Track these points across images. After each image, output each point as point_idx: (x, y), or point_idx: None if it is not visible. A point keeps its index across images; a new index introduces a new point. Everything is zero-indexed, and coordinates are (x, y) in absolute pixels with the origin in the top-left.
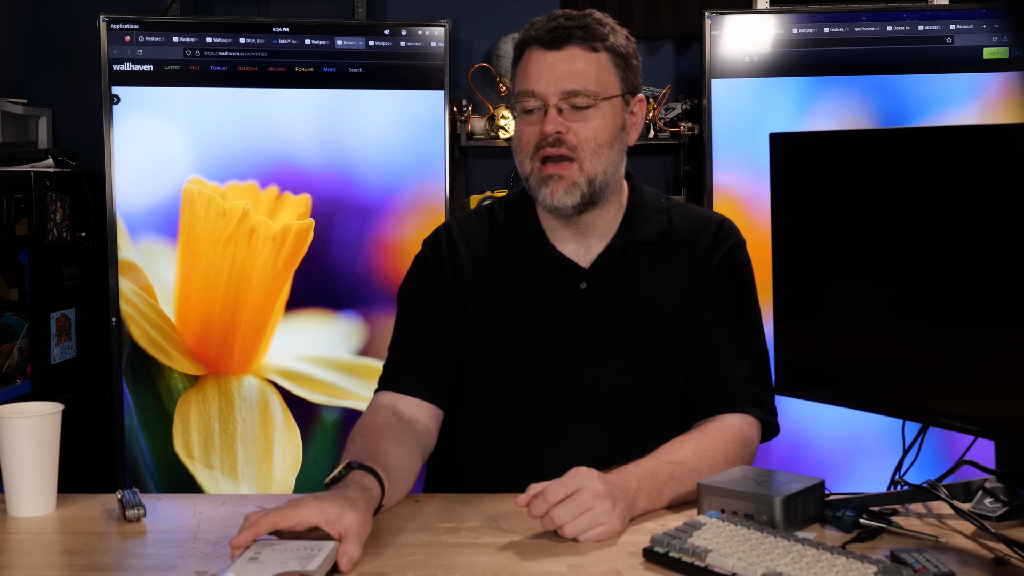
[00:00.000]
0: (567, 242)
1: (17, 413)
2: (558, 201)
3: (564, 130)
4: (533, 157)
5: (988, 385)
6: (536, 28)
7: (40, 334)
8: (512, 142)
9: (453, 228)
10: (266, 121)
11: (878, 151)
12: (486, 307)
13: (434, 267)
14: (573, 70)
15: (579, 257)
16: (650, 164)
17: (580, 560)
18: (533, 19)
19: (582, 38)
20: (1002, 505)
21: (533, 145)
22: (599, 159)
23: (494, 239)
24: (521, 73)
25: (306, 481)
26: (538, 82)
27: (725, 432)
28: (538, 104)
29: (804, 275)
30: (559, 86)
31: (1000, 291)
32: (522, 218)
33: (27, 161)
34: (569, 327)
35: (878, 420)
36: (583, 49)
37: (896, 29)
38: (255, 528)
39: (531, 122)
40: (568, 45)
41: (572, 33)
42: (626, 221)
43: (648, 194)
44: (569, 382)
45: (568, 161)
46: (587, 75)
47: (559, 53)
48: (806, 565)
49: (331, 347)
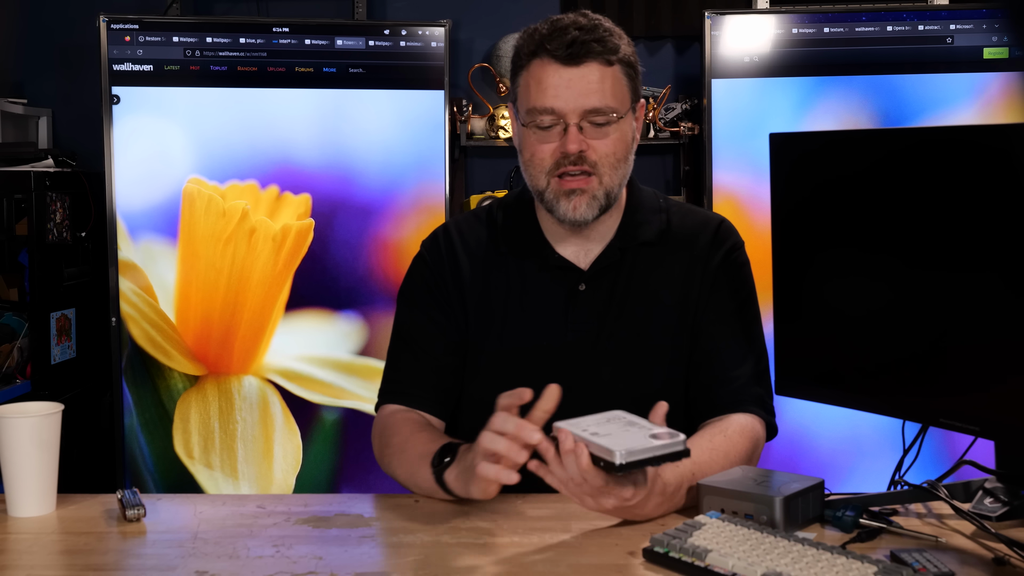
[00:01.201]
0: (566, 244)
1: (17, 413)
2: (580, 215)
3: (586, 148)
4: (551, 173)
5: (988, 385)
6: (549, 40)
7: (40, 334)
8: (522, 154)
9: (451, 230)
10: (266, 121)
11: (878, 151)
12: (485, 309)
13: (433, 270)
14: (592, 88)
15: (578, 259)
16: (650, 164)
17: (580, 560)
18: (535, 26)
19: (599, 52)
20: (1002, 505)
21: (551, 163)
22: (617, 172)
23: (492, 241)
24: (535, 87)
25: (306, 481)
26: (556, 99)
27: (744, 434)
28: (556, 121)
29: (804, 275)
30: (579, 104)
31: (1000, 291)
32: (521, 220)
33: (27, 161)
34: (568, 329)
35: (878, 420)
36: (600, 64)
37: (896, 29)
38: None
39: (548, 139)
40: (586, 60)
41: (590, 48)
42: (625, 222)
43: (646, 194)
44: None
45: (587, 175)
46: (605, 92)
47: (577, 69)
48: (806, 565)
49: (331, 347)
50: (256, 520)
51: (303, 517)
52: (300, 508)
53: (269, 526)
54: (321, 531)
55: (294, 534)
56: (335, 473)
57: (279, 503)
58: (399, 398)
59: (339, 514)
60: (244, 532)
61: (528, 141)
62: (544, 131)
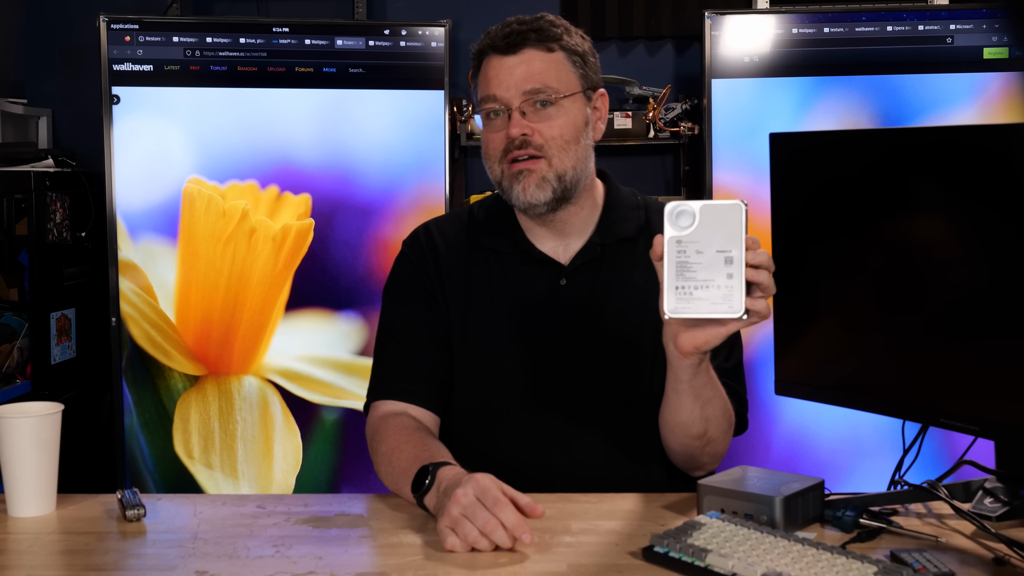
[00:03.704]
0: (546, 240)
1: (17, 413)
2: (531, 196)
3: (529, 132)
4: (502, 161)
5: (988, 385)
6: (491, 36)
7: (40, 334)
8: (481, 150)
9: (432, 228)
10: (266, 121)
11: (878, 151)
12: (467, 306)
13: (416, 267)
14: (531, 71)
15: (558, 254)
16: (650, 164)
17: (580, 560)
18: (487, 28)
19: (536, 40)
20: (1002, 505)
21: (501, 150)
22: (567, 155)
23: (473, 238)
24: (482, 80)
25: (306, 481)
26: (498, 87)
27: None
28: (501, 108)
29: (804, 275)
30: (519, 88)
31: (1000, 291)
32: (501, 217)
33: (27, 161)
34: (550, 324)
35: (878, 420)
36: (539, 50)
37: (896, 29)
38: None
39: (496, 127)
40: (524, 48)
41: (526, 37)
42: (604, 218)
43: (624, 192)
44: (553, 378)
45: (535, 159)
46: (545, 74)
47: (516, 57)
48: (806, 565)
49: (331, 347)
50: (256, 520)
51: (303, 517)
52: (300, 508)
53: (269, 526)
54: (321, 531)
55: (294, 534)
56: (335, 473)
57: (279, 503)
58: (389, 394)
59: (339, 514)
60: (244, 532)
61: (483, 134)
62: (492, 121)
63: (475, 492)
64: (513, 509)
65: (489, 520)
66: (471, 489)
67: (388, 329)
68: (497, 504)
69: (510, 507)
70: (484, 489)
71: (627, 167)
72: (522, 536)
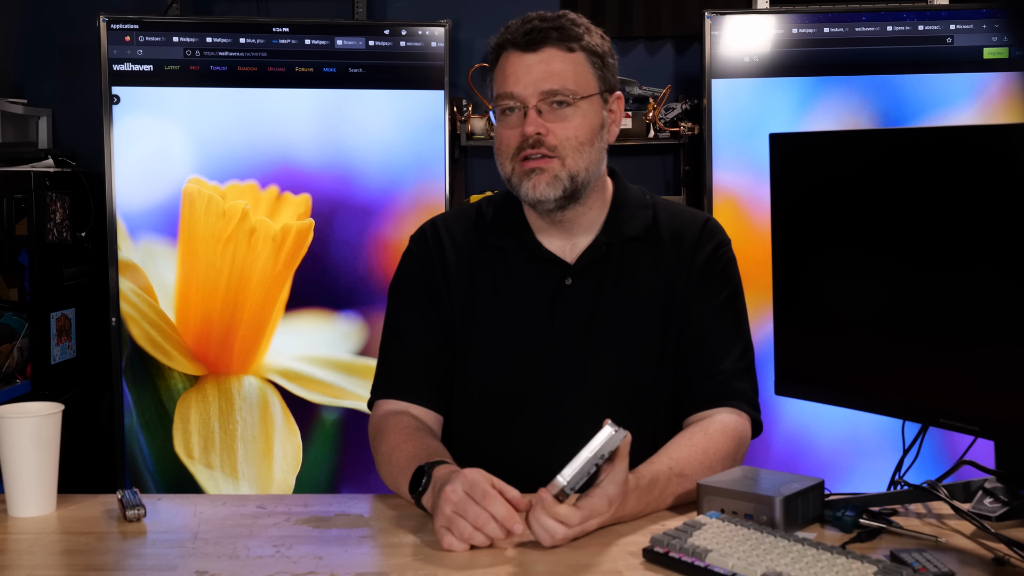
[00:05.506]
0: (552, 238)
1: (17, 413)
2: (540, 194)
3: (544, 131)
4: (514, 158)
5: (988, 385)
6: (511, 31)
7: (40, 334)
8: (494, 145)
9: (439, 224)
10: (266, 121)
11: (878, 151)
12: (472, 303)
13: (422, 264)
14: (550, 70)
15: (564, 253)
16: (650, 164)
17: (580, 560)
18: (508, 22)
19: (558, 39)
20: (1002, 505)
21: (514, 147)
22: (580, 157)
23: (479, 236)
24: (499, 76)
25: (306, 481)
26: (516, 84)
27: (725, 432)
28: (517, 105)
29: (804, 275)
30: (537, 87)
31: (1000, 291)
32: (509, 215)
33: (27, 161)
34: (555, 323)
35: (878, 420)
36: (559, 50)
37: (896, 29)
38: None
39: (511, 124)
40: (544, 46)
41: (547, 35)
42: (611, 217)
43: (633, 191)
44: (556, 378)
45: (548, 158)
46: (564, 75)
47: (536, 55)
48: (806, 565)
49: (331, 347)
50: (256, 520)
51: (303, 517)
52: (300, 508)
53: (269, 526)
54: (321, 531)
55: (294, 534)
56: (335, 473)
57: (279, 503)
58: (392, 393)
59: (339, 514)
60: (244, 532)
61: (497, 129)
62: (507, 117)
63: (464, 487)
64: (503, 501)
65: (480, 514)
66: (460, 484)
67: (392, 328)
68: (486, 497)
69: (499, 499)
70: (472, 483)
71: (627, 167)
72: (513, 527)
